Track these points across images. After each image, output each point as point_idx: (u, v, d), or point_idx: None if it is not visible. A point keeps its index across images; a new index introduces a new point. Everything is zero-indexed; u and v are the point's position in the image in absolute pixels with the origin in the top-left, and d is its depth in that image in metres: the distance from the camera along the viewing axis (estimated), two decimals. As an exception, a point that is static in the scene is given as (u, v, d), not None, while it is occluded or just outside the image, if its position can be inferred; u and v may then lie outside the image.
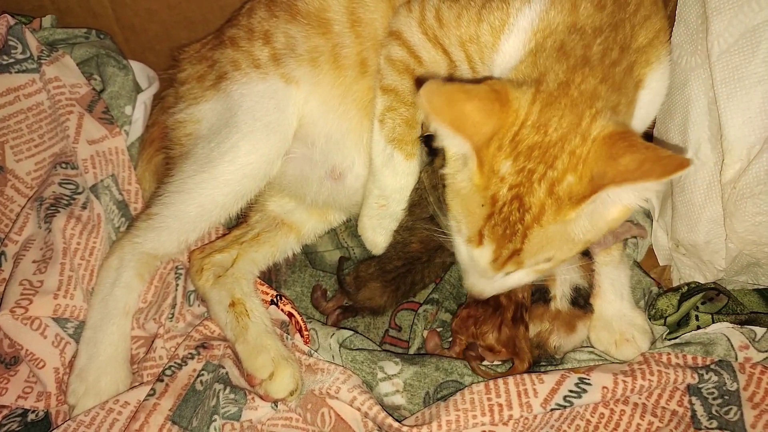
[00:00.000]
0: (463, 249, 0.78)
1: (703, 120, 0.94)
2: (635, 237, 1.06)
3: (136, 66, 1.18)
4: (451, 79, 0.87)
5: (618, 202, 0.69)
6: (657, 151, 0.64)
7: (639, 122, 0.82)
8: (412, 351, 1.04)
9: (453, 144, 0.72)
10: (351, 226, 1.15)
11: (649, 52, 0.80)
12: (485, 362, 0.96)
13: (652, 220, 1.11)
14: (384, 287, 0.99)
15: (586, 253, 0.97)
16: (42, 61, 1.06)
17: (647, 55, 0.80)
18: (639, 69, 0.79)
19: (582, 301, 0.95)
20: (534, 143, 0.69)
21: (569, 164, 0.68)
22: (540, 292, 0.97)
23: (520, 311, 0.95)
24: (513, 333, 0.93)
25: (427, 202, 0.98)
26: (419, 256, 1.00)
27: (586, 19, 0.76)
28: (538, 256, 0.73)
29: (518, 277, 0.79)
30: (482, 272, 0.77)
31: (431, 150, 0.97)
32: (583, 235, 0.71)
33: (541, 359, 0.95)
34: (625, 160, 0.64)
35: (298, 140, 0.98)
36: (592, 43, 0.74)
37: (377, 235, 1.01)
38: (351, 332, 0.99)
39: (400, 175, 0.94)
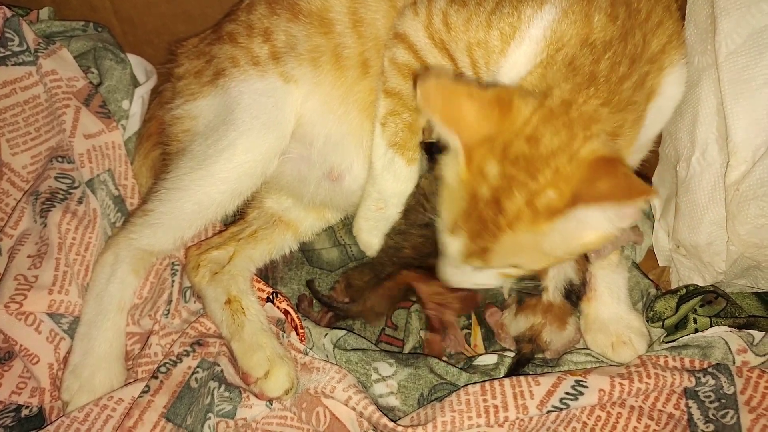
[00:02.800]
0: (441, 234, 0.79)
1: (711, 120, 0.93)
2: (633, 243, 1.06)
3: (133, 60, 1.17)
4: (460, 76, 0.87)
5: (593, 226, 0.70)
6: (631, 179, 0.65)
7: (649, 130, 0.82)
8: (406, 349, 1.04)
9: (445, 136, 0.73)
10: (348, 223, 1.14)
11: (662, 58, 0.80)
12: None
13: (653, 222, 1.10)
14: (382, 295, 0.99)
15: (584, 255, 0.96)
16: (39, 54, 1.05)
17: (660, 63, 0.79)
18: (652, 79, 0.78)
19: (574, 297, 0.95)
20: (522, 153, 0.70)
21: (552, 180, 0.69)
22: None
23: None
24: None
25: (424, 208, 0.97)
26: (411, 261, 1.00)
27: (599, 32, 0.76)
28: (506, 260, 0.75)
29: (485, 277, 0.80)
30: (451, 260, 0.79)
31: (432, 157, 0.97)
32: (554, 250, 0.72)
33: (534, 354, 0.95)
34: (602, 184, 0.66)
35: (297, 140, 0.98)
36: (600, 58, 0.74)
37: (372, 237, 1.00)
38: (345, 332, 0.98)
39: (400, 180, 0.94)
